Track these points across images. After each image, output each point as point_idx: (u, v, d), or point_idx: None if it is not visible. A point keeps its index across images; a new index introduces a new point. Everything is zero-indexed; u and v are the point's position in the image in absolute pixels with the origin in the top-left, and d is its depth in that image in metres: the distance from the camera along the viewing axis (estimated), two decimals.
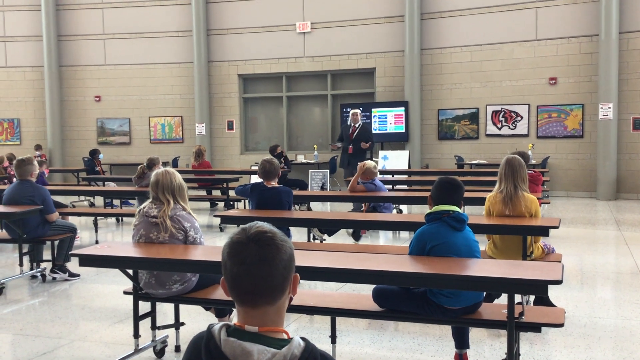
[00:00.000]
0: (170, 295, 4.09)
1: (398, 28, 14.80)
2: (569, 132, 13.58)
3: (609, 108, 12.84)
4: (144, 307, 4.37)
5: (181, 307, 4.57)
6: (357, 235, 8.01)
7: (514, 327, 3.28)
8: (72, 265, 6.44)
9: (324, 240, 7.25)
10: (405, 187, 11.08)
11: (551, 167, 13.49)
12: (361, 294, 4.20)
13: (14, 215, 6.06)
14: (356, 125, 11.04)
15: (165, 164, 12.25)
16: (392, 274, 3.31)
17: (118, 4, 16.82)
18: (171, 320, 4.49)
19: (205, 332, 1.50)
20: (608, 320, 4.88)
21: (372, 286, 3.79)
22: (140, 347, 4.19)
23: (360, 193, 7.43)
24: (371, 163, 7.67)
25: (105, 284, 6.27)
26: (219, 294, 4.09)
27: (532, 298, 4.79)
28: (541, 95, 13.73)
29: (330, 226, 7.10)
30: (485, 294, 3.85)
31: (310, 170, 13.58)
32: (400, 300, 3.60)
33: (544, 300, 4.67)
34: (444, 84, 14.58)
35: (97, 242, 8.46)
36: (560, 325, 3.43)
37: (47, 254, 6.68)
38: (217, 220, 9.35)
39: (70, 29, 17.22)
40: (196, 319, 4.94)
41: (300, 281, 1.62)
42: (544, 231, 4.69)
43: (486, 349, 4.27)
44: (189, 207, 4.21)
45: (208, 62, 16.35)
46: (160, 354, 4.25)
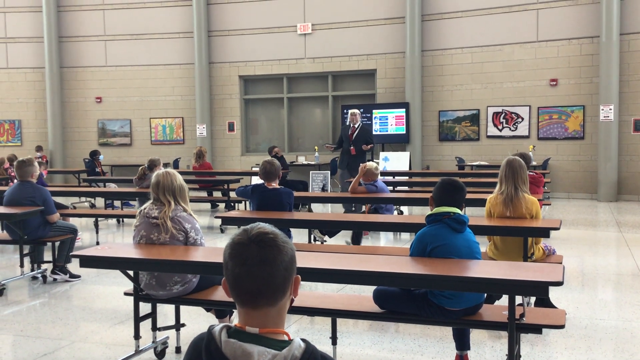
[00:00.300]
0: (171, 296, 4.09)
1: (399, 29, 14.81)
2: (570, 134, 13.58)
3: (610, 109, 12.83)
4: (145, 308, 4.37)
5: (182, 308, 4.56)
6: (358, 240, 7.57)
7: (515, 328, 3.28)
8: (73, 267, 6.44)
9: (325, 241, 7.25)
10: (406, 188, 11.07)
11: (552, 169, 13.49)
12: (362, 295, 4.19)
13: (14, 216, 6.06)
14: (355, 125, 10.65)
15: (166, 165, 12.26)
16: (393, 275, 3.31)
17: (119, 6, 16.83)
18: (172, 322, 4.49)
19: (206, 333, 1.50)
20: (609, 321, 4.87)
21: (372, 288, 3.79)
22: (140, 349, 4.19)
23: (361, 194, 7.39)
24: (372, 164, 7.55)
25: (106, 285, 6.27)
26: (219, 295, 4.09)
27: (533, 299, 4.79)
28: (542, 96, 13.73)
29: (331, 227, 7.09)
30: (486, 295, 3.84)
31: (311, 172, 13.59)
32: (401, 301, 3.60)
33: (544, 302, 4.68)
34: (444, 86, 14.58)
35: (97, 243, 8.46)
36: (561, 327, 3.43)
37: (47, 255, 6.68)
38: (217, 222, 9.34)
39: (71, 30, 17.24)
40: (197, 320, 4.94)
41: (301, 282, 1.62)
42: (544, 233, 4.69)
43: (487, 350, 4.26)
44: (189, 208, 4.21)
45: (209, 63, 16.36)
46: (160, 355, 4.25)
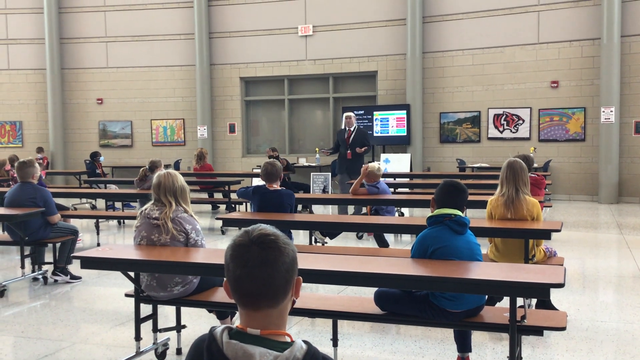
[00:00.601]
0: (172, 297, 4.09)
1: (400, 31, 14.81)
2: (571, 136, 13.58)
3: (611, 111, 12.83)
4: (146, 309, 4.37)
5: (183, 309, 4.56)
6: (383, 241, 7.43)
7: (516, 330, 3.28)
8: (74, 268, 6.44)
9: (326, 243, 7.24)
10: (407, 190, 11.07)
11: (553, 171, 13.48)
12: (363, 297, 4.19)
13: (15, 217, 6.05)
14: (351, 129, 10.35)
15: (167, 166, 12.26)
16: (394, 276, 3.31)
17: (120, 7, 16.85)
18: (173, 323, 4.49)
19: (207, 334, 1.50)
20: (610, 323, 4.87)
21: (374, 289, 3.79)
22: (141, 350, 4.19)
23: (362, 196, 7.37)
24: (375, 165, 7.46)
25: (106, 287, 6.27)
26: (220, 296, 4.09)
27: (534, 301, 4.78)
28: (543, 98, 13.73)
29: (332, 229, 7.08)
30: (487, 297, 3.84)
31: (312, 173, 13.57)
32: (402, 303, 3.60)
33: (545, 304, 4.67)
34: (445, 87, 14.58)
35: (98, 244, 8.46)
36: (562, 329, 3.42)
37: (48, 257, 6.68)
38: (218, 223, 9.35)
39: (72, 32, 17.25)
40: (198, 322, 4.94)
41: (302, 284, 1.62)
42: (546, 234, 4.69)
43: (488, 352, 4.26)
44: (190, 210, 4.21)
45: (210, 64, 16.37)
46: (161, 356, 4.25)
